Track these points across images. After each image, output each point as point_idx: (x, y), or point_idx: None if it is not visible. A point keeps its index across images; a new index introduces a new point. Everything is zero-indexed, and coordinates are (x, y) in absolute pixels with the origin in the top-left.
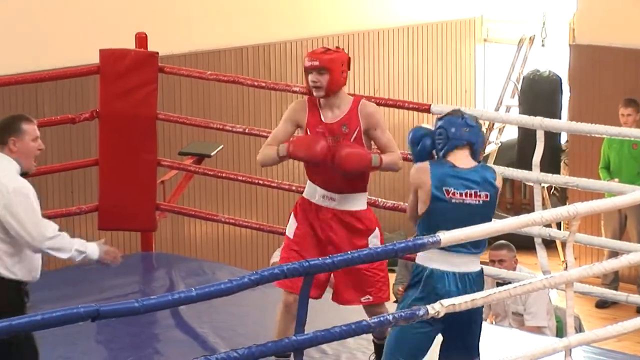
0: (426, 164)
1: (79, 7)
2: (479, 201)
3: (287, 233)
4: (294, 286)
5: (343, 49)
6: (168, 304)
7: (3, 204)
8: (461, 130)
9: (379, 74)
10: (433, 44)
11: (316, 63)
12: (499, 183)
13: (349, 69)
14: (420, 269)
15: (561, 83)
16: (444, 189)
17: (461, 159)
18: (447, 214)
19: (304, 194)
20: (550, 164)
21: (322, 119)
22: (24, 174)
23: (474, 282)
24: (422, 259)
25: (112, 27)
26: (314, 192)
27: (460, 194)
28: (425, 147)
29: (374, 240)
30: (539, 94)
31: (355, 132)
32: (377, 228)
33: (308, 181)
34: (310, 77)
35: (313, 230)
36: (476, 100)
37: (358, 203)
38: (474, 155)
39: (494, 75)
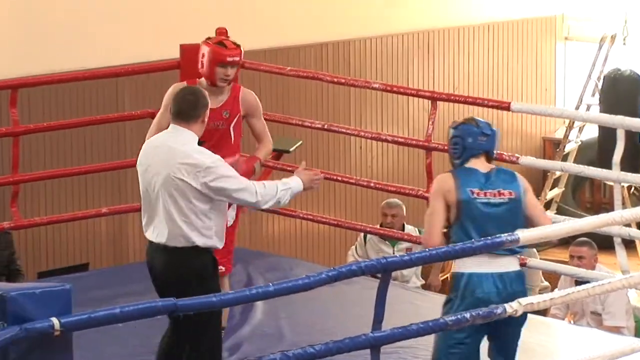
0: (447, 173)
1: (160, 2)
2: (504, 199)
3: None
4: None
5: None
6: (245, 299)
7: (204, 181)
8: (478, 140)
9: (459, 72)
10: (514, 42)
11: (237, 59)
12: (523, 181)
13: None
14: (459, 276)
15: None
16: (468, 190)
17: (479, 164)
18: (475, 214)
19: None
20: (631, 164)
21: (211, 106)
22: (200, 143)
23: (514, 280)
24: (459, 265)
25: (192, 22)
26: None
27: (485, 194)
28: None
29: None
30: (619, 93)
31: (236, 118)
32: None
33: None
34: (224, 70)
35: None
36: (556, 98)
37: None
38: (489, 160)
39: (574, 74)
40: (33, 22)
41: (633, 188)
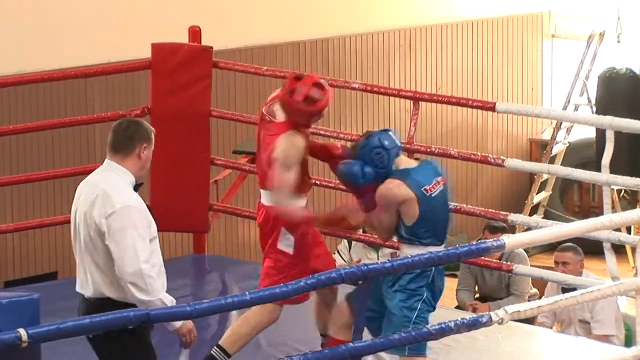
0: (396, 180)
1: (131, 0)
2: (443, 186)
3: (283, 248)
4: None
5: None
6: (221, 308)
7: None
8: (391, 140)
9: (442, 71)
10: (499, 40)
11: None
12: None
13: None
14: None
15: (639, 80)
16: (422, 189)
17: (406, 161)
18: (434, 209)
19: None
20: (631, 167)
21: None
22: (137, 186)
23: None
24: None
25: (164, 21)
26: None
27: (432, 187)
28: (368, 174)
29: None
30: (615, 93)
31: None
32: None
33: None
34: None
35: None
36: (543, 98)
37: None
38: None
39: (562, 73)
40: (0, 21)
41: (623, 191)
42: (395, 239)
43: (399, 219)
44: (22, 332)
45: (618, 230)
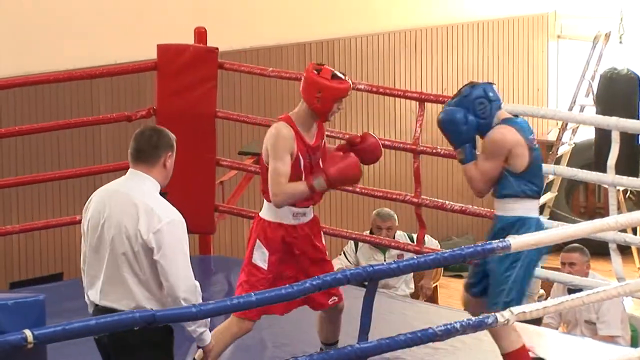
0: (507, 126)
1: (137, 1)
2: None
3: (257, 262)
4: (253, 315)
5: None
6: (227, 309)
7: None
8: (495, 92)
9: (448, 72)
10: (504, 41)
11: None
12: None
13: None
14: (528, 220)
15: (638, 81)
16: (530, 137)
17: (506, 114)
18: (537, 161)
19: (269, 218)
20: (629, 167)
21: (308, 141)
22: (161, 195)
23: None
24: (521, 211)
25: (170, 22)
26: (286, 213)
27: (534, 138)
28: (471, 122)
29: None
30: (616, 93)
31: (324, 145)
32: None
33: (270, 206)
34: (339, 104)
35: (290, 250)
36: (549, 99)
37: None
38: None
39: (567, 73)
40: (5, 22)
41: (629, 192)
42: (493, 196)
43: (504, 171)
44: (27, 333)
45: (624, 231)
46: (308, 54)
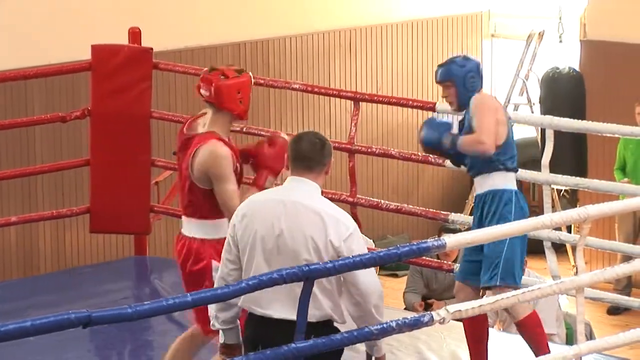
0: (484, 93)
1: (70, 1)
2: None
3: None
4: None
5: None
6: (162, 310)
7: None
8: (482, 71)
9: (382, 72)
10: (438, 40)
11: None
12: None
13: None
14: (508, 192)
15: (582, 80)
16: (505, 110)
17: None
18: (512, 134)
19: (215, 237)
20: (578, 167)
21: (235, 150)
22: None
23: None
24: (503, 184)
25: (104, 22)
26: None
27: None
28: (443, 127)
29: None
30: (559, 92)
31: None
32: None
33: (213, 223)
34: None
35: None
36: None
37: None
38: None
39: (501, 72)
40: None
41: (563, 190)
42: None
43: None
44: None
45: (558, 229)
46: (243, 53)
